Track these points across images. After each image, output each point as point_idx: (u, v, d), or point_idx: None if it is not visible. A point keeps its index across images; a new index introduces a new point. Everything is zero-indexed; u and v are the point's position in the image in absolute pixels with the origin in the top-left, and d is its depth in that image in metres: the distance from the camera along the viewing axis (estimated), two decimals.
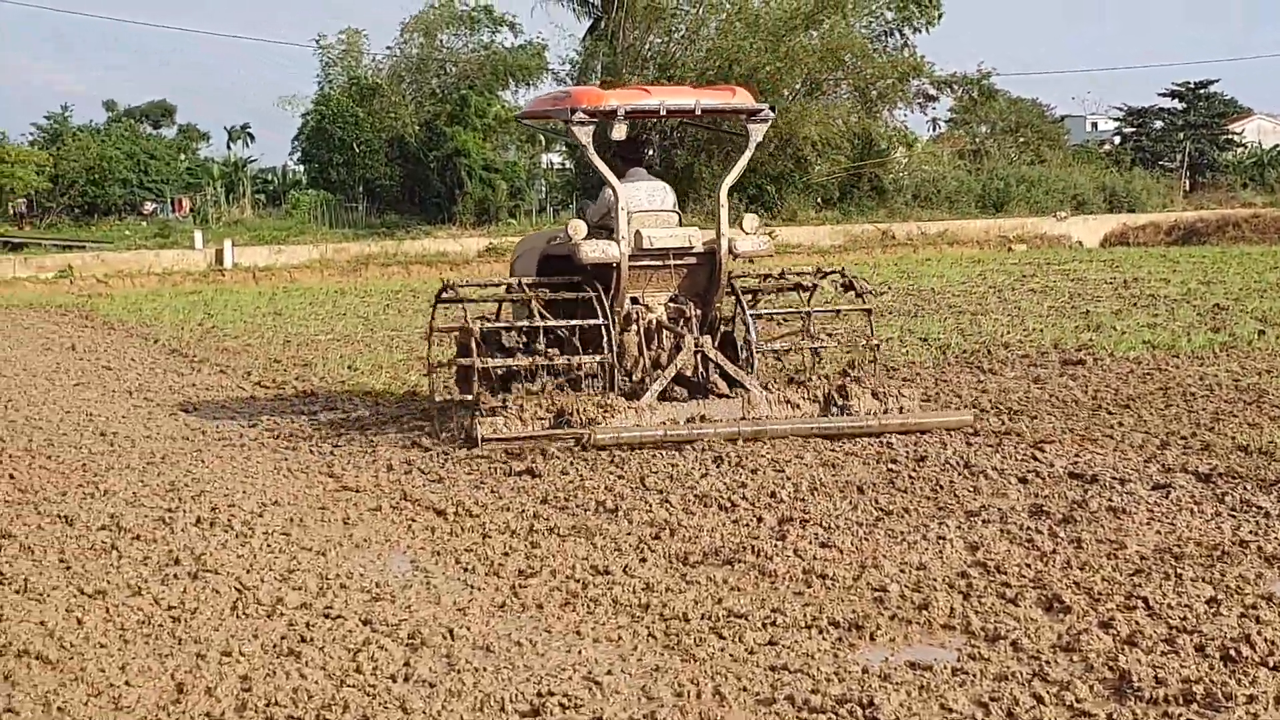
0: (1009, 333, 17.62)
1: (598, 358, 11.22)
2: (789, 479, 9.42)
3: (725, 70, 52.31)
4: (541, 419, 10.78)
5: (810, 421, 11.12)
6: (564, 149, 62.79)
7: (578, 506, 8.90)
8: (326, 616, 6.70)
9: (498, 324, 12.11)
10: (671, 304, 11.75)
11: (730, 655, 6.07)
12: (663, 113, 12.53)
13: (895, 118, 58.20)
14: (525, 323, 11.62)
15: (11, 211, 68.51)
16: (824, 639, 6.25)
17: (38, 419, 13.15)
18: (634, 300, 11.58)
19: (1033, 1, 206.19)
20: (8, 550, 8.09)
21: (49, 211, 67.19)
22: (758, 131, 12.05)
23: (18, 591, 7.22)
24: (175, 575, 7.47)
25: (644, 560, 7.58)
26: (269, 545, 8.11)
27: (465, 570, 7.53)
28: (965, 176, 56.39)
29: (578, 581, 7.20)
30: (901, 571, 7.20)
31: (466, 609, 6.80)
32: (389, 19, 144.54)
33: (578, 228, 11.50)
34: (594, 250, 11.29)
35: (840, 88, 56.10)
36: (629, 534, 8.14)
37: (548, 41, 62.84)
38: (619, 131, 11.57)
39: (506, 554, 7.80)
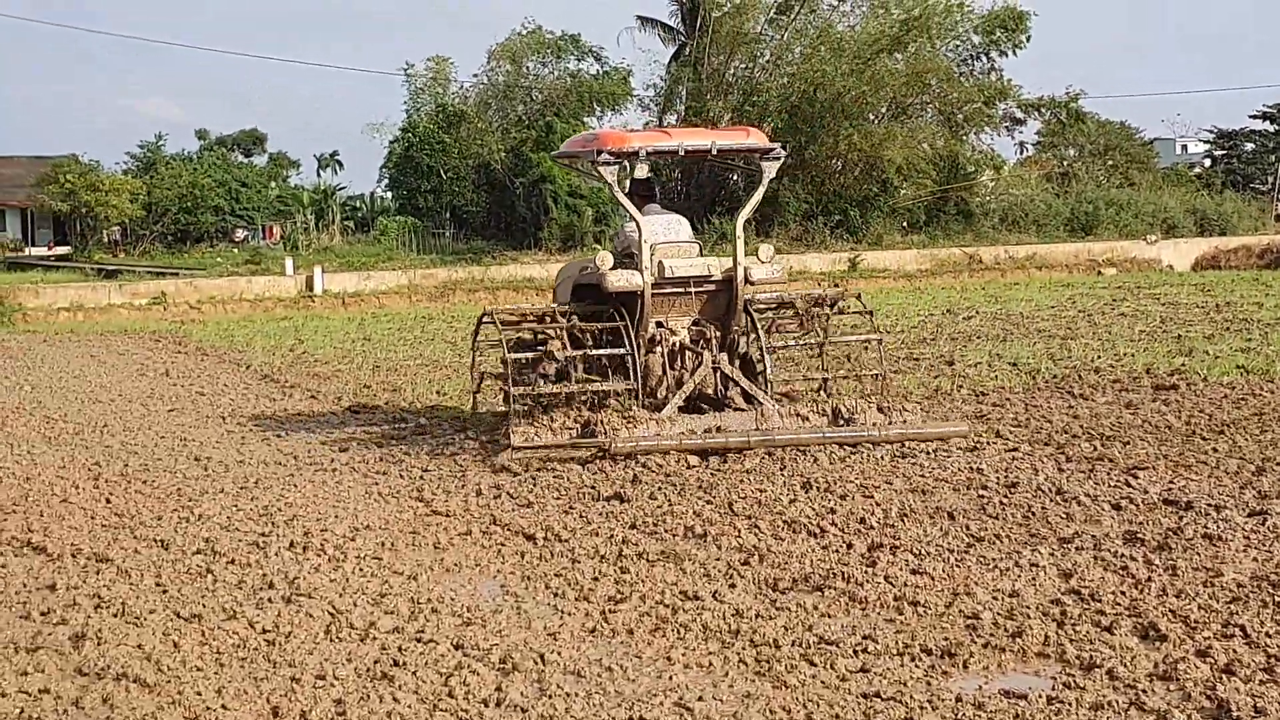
0: (1100, 357, 17.41)
1: (622, 385, 12.11)
2: (878, 505, 9.37)
3: (809, 94, 52.29)
4: (570, 429, 11.61)
5: (817, 431, 11.74)
6: (649, 174, 62.93)
7: (666, 532, 8.91)
8: (419, 641, 6.75)
9: (527, 353, 12.85)
10: (694, 327, 12.58)
11: (822, 682, 6.06)
12: (681, 153, 13.20)
13: (982, 141, 57.74)
14: (554, 353, 12.55)
15: (106, 239, 69.75)
16: (916, 666, 6.21)
17: (133, 444, 13.36)
18: (659, 324, 12.45)
19: (1123, 24, 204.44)
20: (105, 574, 8.23)
21: (142, 239, 68.34)
22: (770, 169, 12.86)
23: (115, 615, 7.33)
24: (269, 599, 7.56)
25: (733, 586, 7.57)
26: (361, 569, 8.18)
27: (555, 595, 7.56)
28: (1053, 200, 55.89)
29: (667, 607, 7.20)
30: (994, 599, 7.14)
31: (557, 634, 6.82)
32: (476, 47, 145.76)
33: (605, 259, 12.48)
34: (619, 279, 12.23)
35: (926, 111, 55.82)
36: (718, 559, 8.14)
37: (632, 68, 63.07)
38: (641, 171, 12.70)
39: (596, 579, 7.82)
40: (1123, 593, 7.17)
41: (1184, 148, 77.97)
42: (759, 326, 12.78)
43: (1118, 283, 35.47)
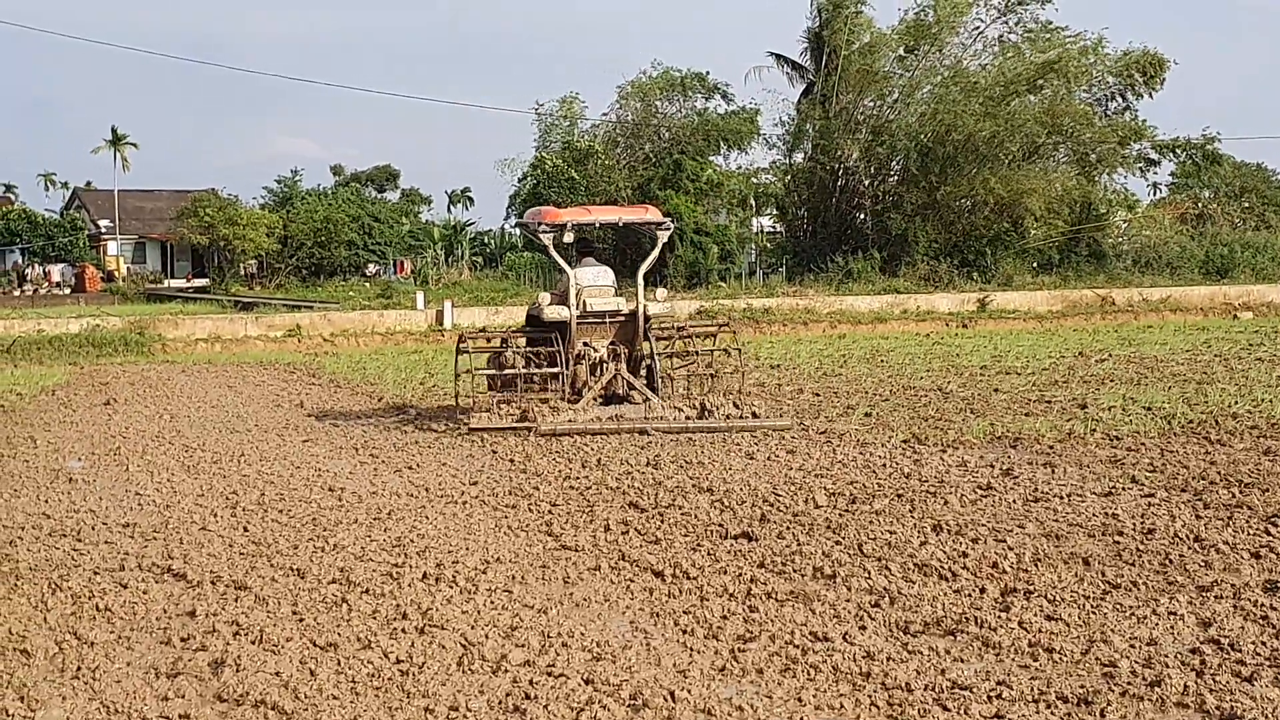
0: (1237, 403, 17.06)
1: (552, 386, 17.00)
2: (1011, 549, 9.27)
3: (940, 133, 51.96)
4: (512, 414, 16.52)
5: (687, 422, 16.20)
6: (774, 213, 62.98)
7: (795, 571, 8.88)
8: (549, 674, 6.79)
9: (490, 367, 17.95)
10: (610, 346, 17.18)
11: None
12: (597, 225, 19.79)
13: (1115, 181, 56.97)
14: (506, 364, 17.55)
15: (243, 272, 71.21)
16: (1052, 713, 6.13)
17: (269, 473, 13.62)
18: (586, 344, 17.18)
19: (1260, 65, 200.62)
20: (244, 601, 8.39)
21: (277, 272, 69.65)
22: (663, 236, 17.75)
23: (254, 642, 7.47)
24: (403, 629, 7.65)
25: (864, 628, 7.52)
26: (492, 602, 8.25)
27: (684, 632, 7.56)
28: (1187, 242, 54.92)
29: (797, 647, 7.18)
30: (1131, 646, 7.02)
31: (686, 671, 6.83)
32: (606, 84, 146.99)
33: (545, 298, 17.52)
34: (553, 312, 17.14)
35: (1059, 151, 55.17)
36: (848, 600, 8.10)
37: (760, 106, 63.11)
38: (569, 237, 17.44)
39: (725, 617, 7.82)
40: (1263, 642, 7.02)
41: None
42: (654, 347, 17.31)
43: (1254, 327, 34.74)
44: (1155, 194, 70.14)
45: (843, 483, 12.16)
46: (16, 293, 73.85)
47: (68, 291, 74.44)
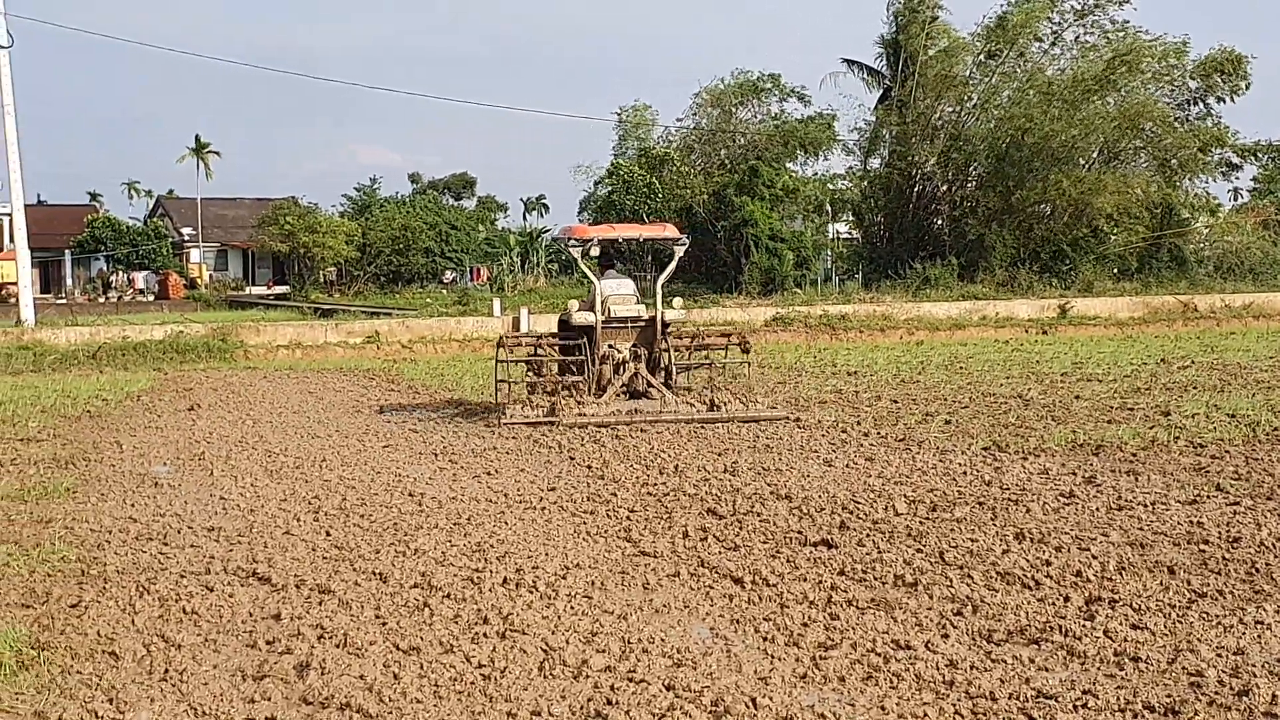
0: None
1: (579, 378, 18.90)
2: (1095, 557, 9.18)
3: (1016, 138, 51.56)
4: (541, 407, 18.37)
5: (698, 415, 18.03)
6: (850, 219, 62.76)
7: (876, 579, 8.84)
8: (630, 680, 6.80)
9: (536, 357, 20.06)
10: (632, 348, 19.22)
11: None
12: (620, 241, 21.79)
13: (1196, 186, 56.30)
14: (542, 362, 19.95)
15: (323, 279, 71.86)
16: None
17: (350, 479, 13.74)
18: (611, 346, 19.16)
19: None
20: (327, 605, 8.47)
21: (356, 279, 70.22)
22: (680, 250, 20.11)
23: (338, 645, 7.54)
24: (484, 634, 7.70)
25: (946, 636, 7.48)
26: (572, 607, 8.28)
27: (764, 639, 7.55)
28: (1270, 247, 54.16)
29: (879, 655, 7.14)
30: (1218, 656, 6.94)
31: (768, 678, 6.81)
32: (682, 89, 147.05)
33: (574, 305, 19.87)
34: (580, 318, 19.30)
35: (1139, 157, 54.60)
36: (929, 609, 8.05)
37: (836, 112, 62.93)
38: (595, 251, 19.75)
39: (805, 624, 7.80)
40: None
41: None
42: (671, 349, 19.38)
43: None
44: (1237, 199, 69.24)
45: (923, 490, 12.10)
46: (102, 299, 75.00)
47: (151, 298, 75.53)
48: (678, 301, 20.13)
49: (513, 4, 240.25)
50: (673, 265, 20.34)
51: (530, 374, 19.88)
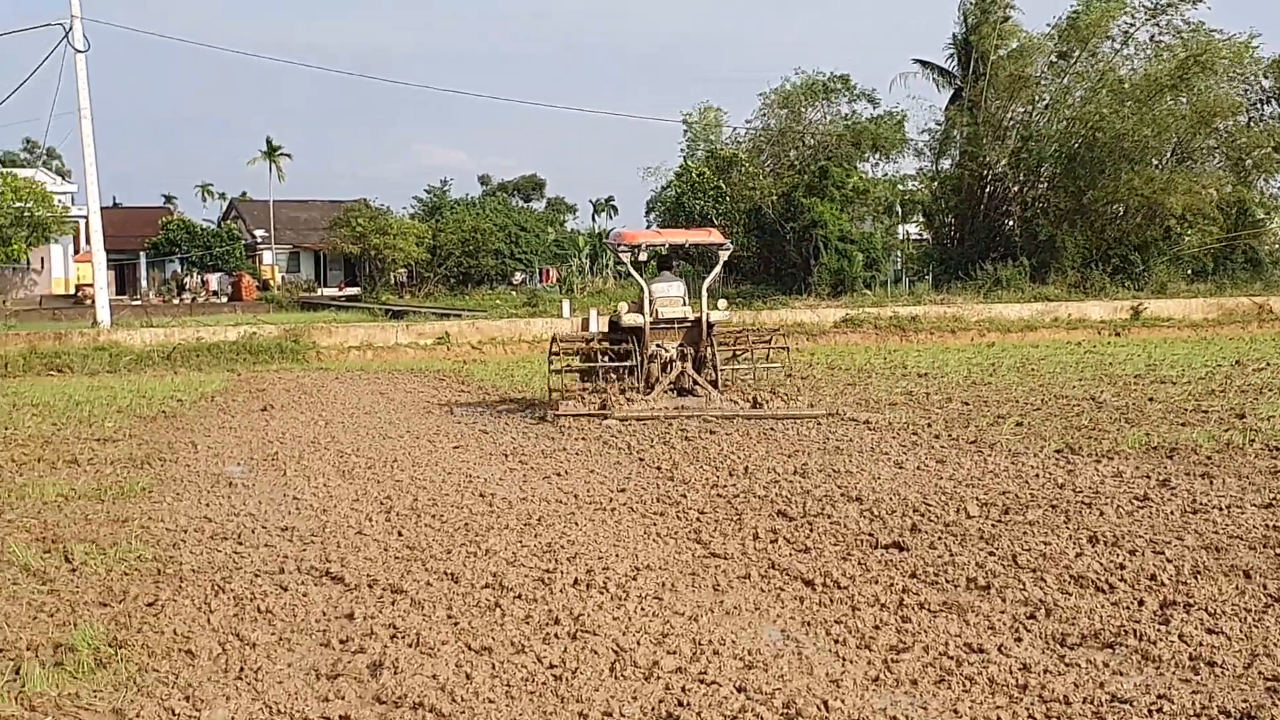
0: None
1: (630, 378, 19.87)
2: (1169, 561, 9.09)
3: (1088, 138, 51.09)
4: (593, 404, 19.21)
5: (740, 411, 18.76)
6: (921, 220, 62.42)
7: (948, 582, 8.79)
8: (701, 682, 6.80)
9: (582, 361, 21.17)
10: (679, 348, 20.11)
11: None
12: (667, 246, 22.38)
13: (1271, 185, 55.58)
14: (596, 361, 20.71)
15: (393, 281, 72.35)
16: None
17: (422, 479, 13.82)
18: (658, 345, 20.11)
19: None
20: (400, 604, 8.52)
21: (426, 281, 70.62)
22: (724, 254, 21.31)
23: (410, 644, 7.58)
24: (555, 635, 7.72)
25: (1019, 640, 7.43)
26: (643, 608, 8.29)
27: (836, 642, 7.53)
28: None
29: (951, 659, 7.11)
30: None
31: (839, 681, 6.79)
32: (750, 90, 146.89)
33: (624, 307, 20.63)
34: (629, 319, 20.20)
35: (1213, 157, 53.97)
36: (1002, 612, 8.00)
37: (906, 112, 62.54)
38: (643, 255, 20.62)
39: (877, 627, 7.77)
40: None
41: None
42: (715, 348, 20.19)
43: None
44: None
45: (995, 493, 12.02)
46: (176, 301, 75.87)
47: (224, 300, 76.32)
48: (722, 303, 21.00)
49: (584, 6, 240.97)
50: (717, 269, 21.51)
51: (581, 371, 20.97)
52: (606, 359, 20.38)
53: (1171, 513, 10.86)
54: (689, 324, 20.20)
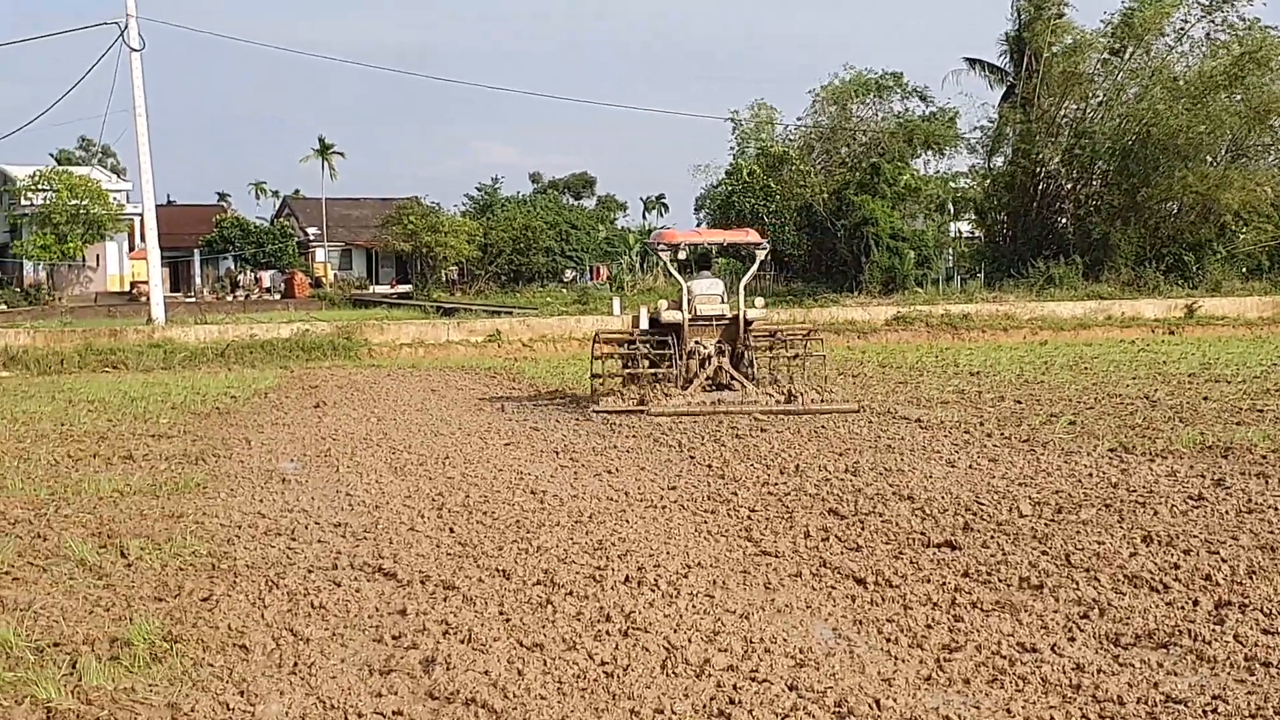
0: None
1: (668, 370, 20.45)
2: (1224, 561, 9.01)
3: (1142, 135, 50.72)
4: (632, 399, 19.98)
5: (776, 406, 19.14)
6: (973, 218, 62.08)
7: (1000, 581, 8.74)
8: (753, 680, 6.80)
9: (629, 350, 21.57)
10: (716, 344, 20.53)
11: None
12: (706, 245, 23.47)
13: None
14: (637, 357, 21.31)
15: (444, 278, 72.61)
16: None
17: (473, 476, 13.88)
18: (697, 342, 20.52)
19: None
20: (452, 600, 8.56)
21: (477, 278, 70.82)
22: (761, 254, 22.05)
23: (462, 641, 7.61)
24: (607, 632, 7.73)
25: (1073, 639, 7.38)
26: (694, 606, 8.29)
27: (888, 640, 7.50)
28: None
29: (1004, 658, 7.07)
30: None
31: (891, 680, 6.78)
32: (799, 89, 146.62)
33: (663, 304, 21.23)
34: (669, 316, 20.71)
35: (1269, 154, 53.44)
36: (1055, 612, 7.95)
37: (959, 109, 62.19)
38: (683, 254, 21.64)
39: (929, 626, 7.74)
40: None
41: None
42: (752, 345, 20.76)
43: None
44: None
45: (1047, 492, 11.95)
46: (229, 298, 76.45)
47: (277, 297, 76.84)
48: (759, 301, 21.84)
49: (638, 5, 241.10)
50: (754, 267, 22.15)
51: (623, 367, 21.78)
52: (646, 355, 20.90)
53: (1226, 512, 10.77)
54: (727, 321, 20.72)
